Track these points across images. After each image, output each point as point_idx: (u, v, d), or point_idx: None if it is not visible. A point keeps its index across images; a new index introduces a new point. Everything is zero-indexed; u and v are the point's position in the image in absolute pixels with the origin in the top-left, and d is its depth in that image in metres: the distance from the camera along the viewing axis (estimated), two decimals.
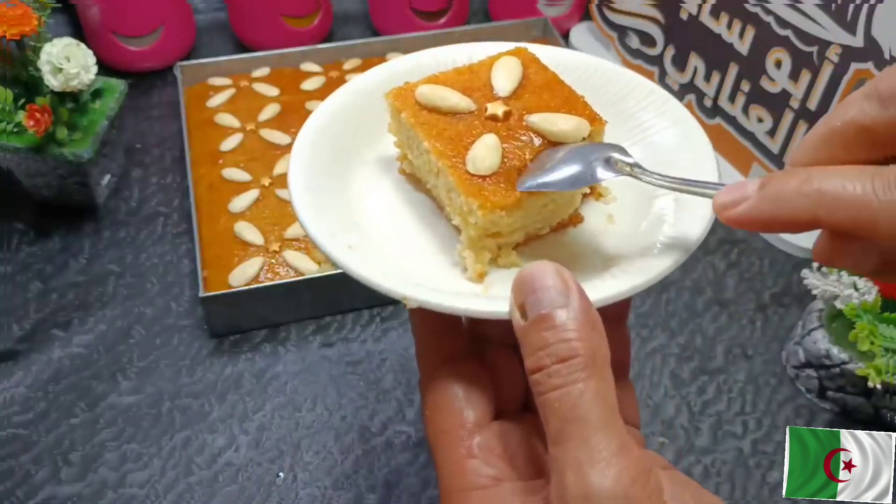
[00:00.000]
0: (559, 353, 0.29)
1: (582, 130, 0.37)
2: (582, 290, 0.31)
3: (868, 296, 0.55)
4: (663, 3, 0.77)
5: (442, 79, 0.40)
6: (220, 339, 0.61)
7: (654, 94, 0.42)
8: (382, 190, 0.41)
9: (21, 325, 0.61)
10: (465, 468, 0.33)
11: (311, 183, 0.38)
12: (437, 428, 0.34)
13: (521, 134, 0.37)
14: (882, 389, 0.54)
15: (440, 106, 0.38)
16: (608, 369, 0.30)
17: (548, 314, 0.30)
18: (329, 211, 0.37)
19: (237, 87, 0.76)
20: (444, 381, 0.35)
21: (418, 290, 0.33)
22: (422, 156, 0.39)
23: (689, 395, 0.60)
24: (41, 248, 0.67)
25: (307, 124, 0.41)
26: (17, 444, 0.55)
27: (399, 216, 0.40)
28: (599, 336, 0.30)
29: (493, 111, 0.38)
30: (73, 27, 0.82)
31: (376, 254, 0.36)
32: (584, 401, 0.29)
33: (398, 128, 0.40)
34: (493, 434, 0.34)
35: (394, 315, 0.64)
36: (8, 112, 0.62)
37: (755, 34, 0.68)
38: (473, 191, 0.35)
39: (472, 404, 0.34)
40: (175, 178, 0.73)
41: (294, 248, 0.63)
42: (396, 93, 0.40)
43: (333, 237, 0.36)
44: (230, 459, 0.55)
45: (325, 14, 0.86)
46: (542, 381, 0.30)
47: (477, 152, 0.36)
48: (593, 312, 0.30)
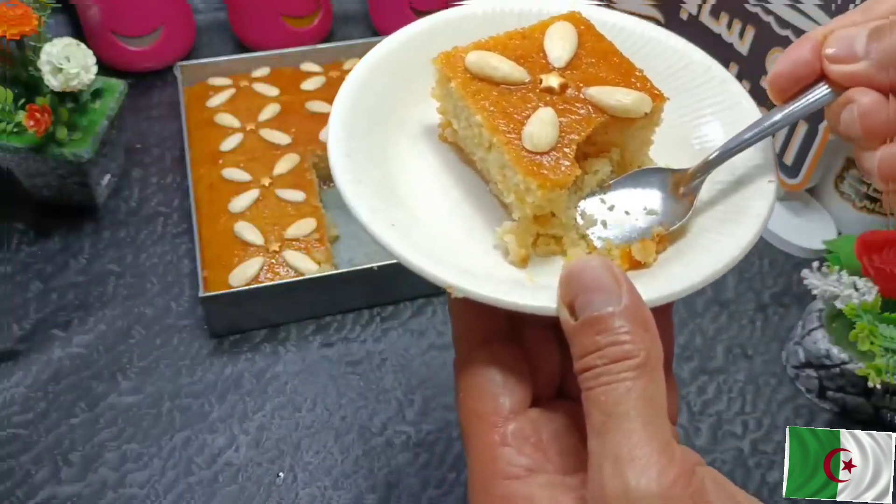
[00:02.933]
0: (611, 356, 0.29)
1: (643, 105, 0.36)
2: (633, 288, 0.30)
3: (868, 296, 0.55)
4: (663, 3, 0.77)
5: (492, 44, 0.37)
6: (220, 339, 0.61)
7: (712, 70, 0.40)
8: (424, 158, 0.39)
9: (21, 325, 0.61)
10: (498, 456, 0.32)
11: (351, 148, 0.36)
12: (471, 412, 0.33)
13: (578, 107, 0.35)
14: (882, 389, 0.54)
15: (492, 75, 0.36)
16: (659, 371, 0.29)
17: (599, 316, 0.29)
18: (370, 180, 0.35)
19: (237, 87, 0.76)
20: (482, 365, 0.34)
21: (464, 278, 0.31)
22: (471, 128, 0.37)
23: (689, 395, 0.60)
24: (41, 248, 0.67)
25: (346, 82, 0.38)
26: (17, 444, 0.55)
27: (441, 189, 0.38)
28: (652, 337, 0.29)
29: (549, 83, 0.36)
30: (73, 27, 0.82)
31: (420, 234, 0.34)
32: (630, 397, 0.28)
33: (445, 95, 0.38)
34: (528, 422, 0.33)
35: (394, 315, 0.64)
36: (8, 112, 0.62)
37: (755, 34, 0.68)
38: (532, 169, 0.33)
39: (508, 390, 0.33)
40: (175, 178, 0.73)
41: (294, 248, 0.63)
42: (445, 58, 0.37)
43: (376, 213, 0.33)
44: (230, 459, 0.55)
45: (325, 14, 0.86)
46: (590, 379, 0.29)
47: (534, 128, 0.34)
48: (646, 312, 0.30)
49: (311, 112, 0.74)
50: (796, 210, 0.71)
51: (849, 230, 0.69)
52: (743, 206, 0.35)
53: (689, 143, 0.39)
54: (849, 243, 0.58)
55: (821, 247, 0.65)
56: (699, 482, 0.29)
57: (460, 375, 0.34)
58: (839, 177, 0.68)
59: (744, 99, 0.39)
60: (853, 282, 0.56)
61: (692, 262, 0.33)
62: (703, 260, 0.33)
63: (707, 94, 0.40)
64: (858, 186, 0.67)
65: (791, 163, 0.67)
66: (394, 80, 0.40)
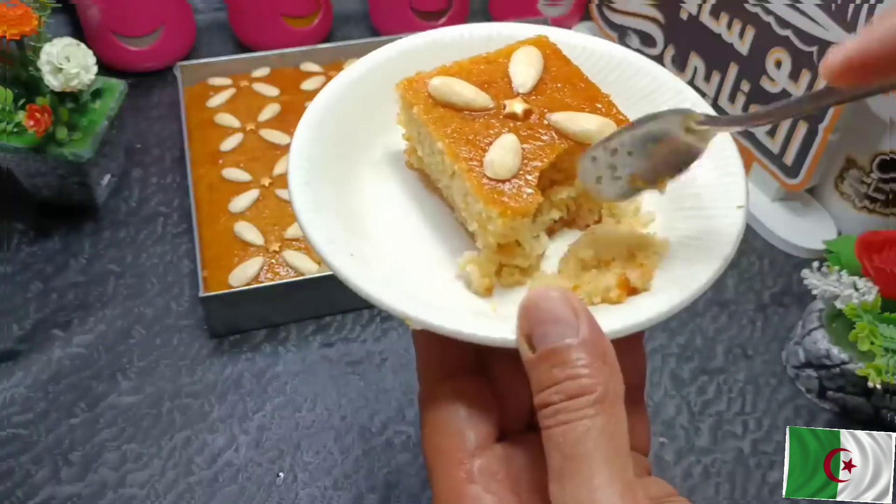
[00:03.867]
0: (567, 391, 0.28)
1: (607, 131, 0.35)
2: (592, 320, 0.29)
3: (868, 296, 0.55)
4: (663, 3, 0.77)
5: (456, 70, 0.37)
6: (220, 339, 0.61)
7: (683, 93, 0.40)
8: (388, 186, 0.38)
9: (21, 325, 0.61)
10: (464, 494, 0.31)
11: (311, 176, 0.35)
12: (435, 448, 0.32)
13: (542, 133, 0.35)
14: (882, 389, 0.54)
15: (455, 101, 0.36)
16: (620, 405, 0.28)
17: (555, 349, 0.28)
18: (331, 209, 0.35)
19: (237, 87, 0.76)
20: (446, 399, 0.33)
21: (422, 310, 0.31)
22: (434, 155, 0.36)
23: (689, 395, 0.60)
24: (41, 248, 0.67)
25: (312, 106, 0.38)
26: (17, 444, 0.55)
27: (405, 217, 0.37)
28: (611, 370, 0.28)
29: (512, 109, 0.36)
30: (73, 27, 0.82)
31: (380, 264, 0.34)
32: (588, 438, 0.27)
33: (408, 121, 0.38)
34: (495, 458, 0.32)
35: (394, 315, 0.64)
36: (8, 112, 0.62)
37: (755, 34, 0.68)
38: (492, 197, 0.32)
39: (473, 425, 0.32)
40: (175, 178, 0.73)
41: (294, 248, 0.63)
42: (407, 84, 0.37)
43: (333, 243, 0.33)
44: (230, 459, 0.55)
45: (325, 14, 0.86)
46: (548, 417, 0.28)
47: (495, 155, 0.33)
48: (605, 343, 0.29)
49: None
50: (796, 210, 0.71)
51: (849, 230, 0.69)
52: (712, 231, 0.34)
53: None
54: (849, 243, 0.58)
55: (821, 247, 0.65)
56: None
57: (424, 410, 0.33)
58: (839, 177, 0.68)
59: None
60: (853, 282, 0.56)
61: (659, 289, 0.33)
62: (671, 288, 0.32)
63: None
64: (858, 186, 0.67)
65: (791, 163, 0.67)
66: (359, 107, 0.39)
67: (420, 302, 0.32)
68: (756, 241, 0.70)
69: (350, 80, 0.40)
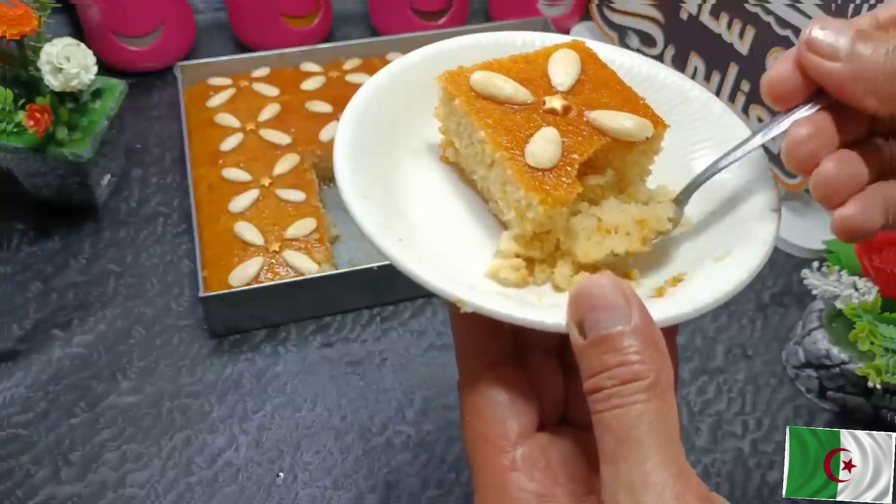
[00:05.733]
0: (620, 377, 0.28)
1: (645, 130, 0.36)
2: (644, 308, 0.29)
3: (868, 296, 0.55)
4: (663, 3, 0.77)
5: (497, 66, 0.38)
6: (220, 339, 0.61)
7: (709, 107, 0.41)
8: (427, 177, 0.39)
9: (21, 325, 0.61)
10: (508, 481, 0.31)
11: (357, 164, 0.36)
12: (477, 436, 0.32)
13: (581, 129, 0.36)
14: (882, 389, 0.54)
15: (496, 95, 0.36)
16: (671, 392, 0.28)
17: (608, 335, 0.28)
18: (376, 197, 0.35)
19: (237, 87, 0.76)
20: (488, 387, 0.33)
21: (472, 294, 0.31)
22: (473, 145, 0.37)
23: (689, 395, 0.60)
24: (41, 248, 0.67)
25: (353, 101, 0.39)
26: (17, 444, 0.55)
27: (443, 207, 0.38)
28: (663, 357, 0.28)
29: (552, 105, 0.36)
30: (73, 27, 0.82)
31: (428, 249, 0.34)
32: (642, 422, 0.27)
33: (448, 114, 0.38)
34: (537, 446, 0.32)
35: (394, 315, 0.64)
36: (8, 112, 0.62)
37: (755, 34, 0.68)
38: (534, 185, 0.33)
39: (516, 413, 0.32)
40: (175, 178, 0.73)
41: (294, 248, 0.63)
42: (450, 77, 0.37)
43: (383, 228, 0.33)
44: (230, 459, 0.55)
45: (325, 14, 0.86)
46: (600, 401, 0.28)
47: (537, 146, 0.34)
48: (656, 332, 0.29)
49: (311, 112, 0.74)
50: (796, 210, 0.71)
51: None
52: (750, 232, 0.35)
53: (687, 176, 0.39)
54: (849, 243, 0.58)
55: (821, 247, 0.65)
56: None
57: (466, 397, 0.34)
58: None
59: (741, 131, 0.39)
60: (853, 282, 0.56)
61: (701, 285, 0.34)
62: (712, 283, 0.33)
63: (705, 128, 0.40)
64: None
65: None
66: (399, 101, 0.40)
67: (469, 285, 0.32)
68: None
69: (391, 74, 0.41)
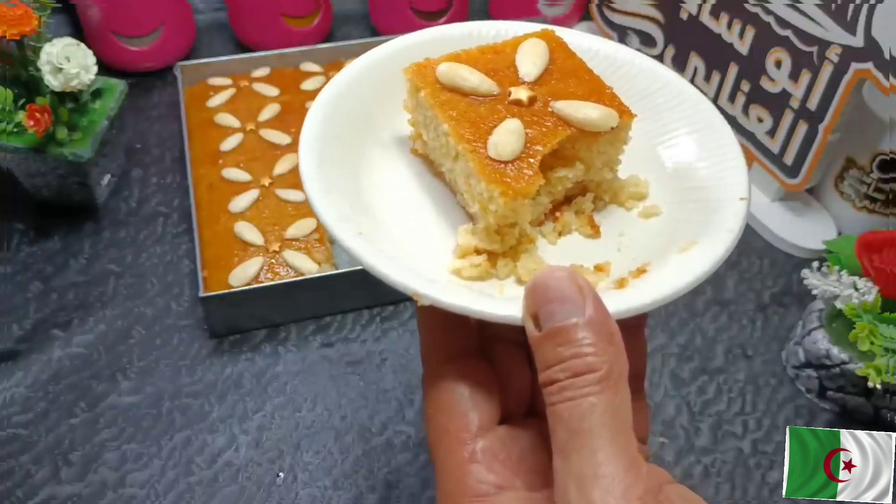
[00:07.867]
0: (573, 369, 0.28)
1: (609, 121, 0.36)
2: (599, 300, 0.29)
3: (868, 296, 0.55)
4: (663, 3, 0.77)
5: (464, 57, 0.38)
6: (220, 339, 0.61)
7: (685, 94, 0.40)
8: (395, 170, 0.39)
9: (21, 325, 0.61)
10: (467, 473, 0.31)
11: (323, 156, 0.36)
12: (438, 428, 0.33)
13: (545, 120, 0.36)
14: (882, 389, 0.54)
15: (461, 86, 0.37)
16: (624, 384, 0.29)
17: (562, 327, 0.28)
18: (339, 189, 0.35)
19: (237, 87, 0.76)
20: (450, 381, 0.33)
21: (431, 287, 0.31)
22: (439, 138, 0.37)
23: (689, 395, 0.60)
24: (41, 248, 0.67)
25: (322, 94, 0.39)
26: (17, 444, 0.55)
27: (410, 200, 0.38)
28: (617, 350, 0.29)
29: (517, 96, 0.36)
30: (73, 27, 0.82)
31: (388, 243, 0.34)
32: (594, 413, 0.27)
33: (415, 106, 0.39)
34: (497, 439, 0.32)
35: (394, 315, 0.64)
36: (8, 112, 0.62)
37: (755, 34, 0.68)
38: (495, 177, 0.33)
39: (477, 406, 0.33)
40: (175, 178, 0.73)
41: (294, 248, 0.63)
42: (416, 69, 0.38)
43: (343, 221, 0.33)
44: (230, 459, 0.55)
45: (325, 14, 0.86)
46: (554, 393, 0.28)
47: (499, 137, 0.34)
48: (611, 324, 0.29)
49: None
50: (796, 210, 0.71)
51: (849, 230, 0.69)
52: (716, 221, 0.35)
53: (661, 162, 0.40)
54: (849, 243, 0.58)
55: (821, 247, 0.65)
56: (666, 499, 0.28)
57: (428, 391, 0.34)
58: (839, 177, 0.68)
59: (716, 118, 0.39)
60: (853, 282, 0.56)
61: (663, 275, 0.33)
62: (675, 273, 0.33)
63: (681, 114, 0.40)
64: (858, 186, 0.67)
65: (791, 163, 0.67)
66: (370, 94, 0.40)
67: (428, 280, 0.32)
68: (756, 241, 0.70)
69: (360, 69, 0.41)
